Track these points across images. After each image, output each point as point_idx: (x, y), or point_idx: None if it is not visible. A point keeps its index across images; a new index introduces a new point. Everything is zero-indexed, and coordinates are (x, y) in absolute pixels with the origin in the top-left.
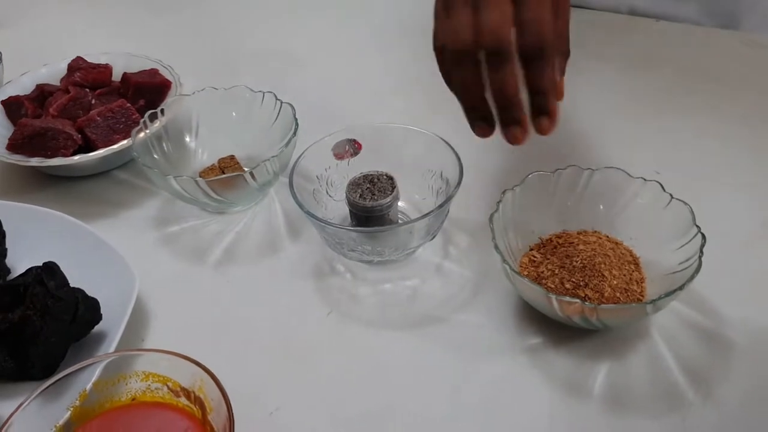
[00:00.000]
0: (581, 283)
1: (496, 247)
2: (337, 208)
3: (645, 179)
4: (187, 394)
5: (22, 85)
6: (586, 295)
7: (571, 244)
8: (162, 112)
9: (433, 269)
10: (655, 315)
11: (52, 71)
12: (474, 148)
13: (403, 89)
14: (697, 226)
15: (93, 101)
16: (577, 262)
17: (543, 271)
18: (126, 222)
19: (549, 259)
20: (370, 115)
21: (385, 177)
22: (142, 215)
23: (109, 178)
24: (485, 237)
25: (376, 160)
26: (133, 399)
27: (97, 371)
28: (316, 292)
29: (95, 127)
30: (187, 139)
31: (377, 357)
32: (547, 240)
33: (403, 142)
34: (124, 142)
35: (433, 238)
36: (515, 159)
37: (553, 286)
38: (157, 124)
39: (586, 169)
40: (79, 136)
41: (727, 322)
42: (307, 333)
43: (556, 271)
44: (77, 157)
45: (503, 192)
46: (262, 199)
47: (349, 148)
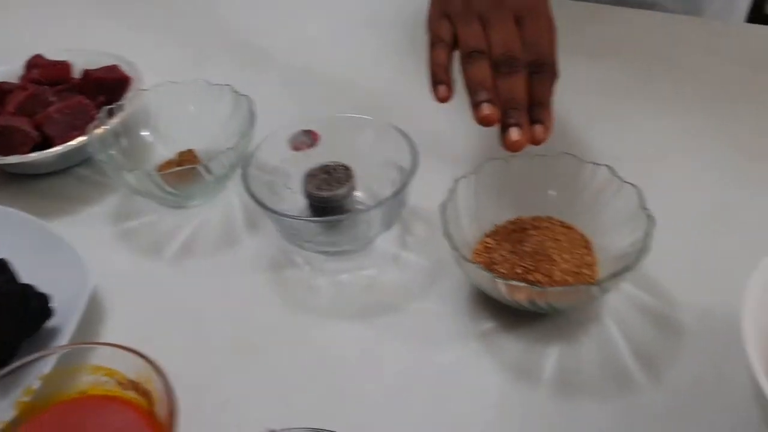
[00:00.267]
0: (531, 267)
1: (446, 235)
2: (295, 200)
3: (596, 164)
4: (134, 386)
5: None
6: (537, 279)
7: (524, 230)
8: (120, 107)
9: (391, 259)
10: (608, 299)
11: (10, 69)
12: (431, 138)
13: (362, 81)
14: (645, 209)
15: (51, 98)
16: (527, 248)
17: (495, 257)
18: (84, 218)
19: (502, 245)
20: (330, 106)
21: (341, 167)
22: (101, 211)
23: (70, 175)
24: None
25: (334, 151)
26: (81, 392)
27: (42, 366)
28: (273, 284)
29: (53, 123)
30: (146, 133)
31: (331, 347)
32: (501, 227)
33: (360, 133)
34: (81, 139)
35: (390, 227)
36: (473, 147)
37: (504, 271)
38: (114, 120)
39: (539, 155)
40: (37, 133)
41: (678, 304)
42: (261, 325)
43: (508, 256)
44: (34, 154)
45: (456, 180)
46: (221, 192)
47: (306, 139)
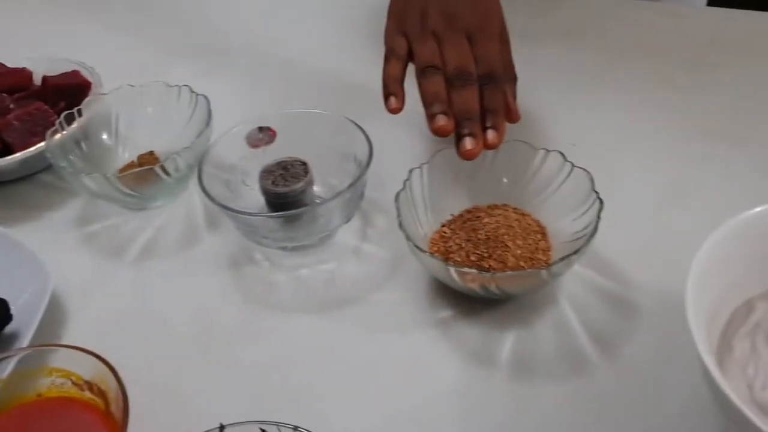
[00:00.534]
0: (485, 254)
1: (401, 225)
2: (254, 197)
3: (548, 150)
4: (90, 387)
5: None
6: (490, 265)
7: (479, 218)
8: (79, 112)
9: (351, 251)
10: (564, 282)
11: None
12: (387, 131)
13: (320, 78)
14: (595, 192)
15: (11, 105)
16: (481, 235)
17: (451, 246)
18: (47, 224)
19: (457, 233)
20: (289, 103)
21: (298, 163)
22: (64, 216)
23: (32, 181)
24: None
25: (292, 147)
26: (38, 395)
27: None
28: (233, 282)
29: (12, 130)
30: (106, 137)
31: (292, 342)
32: (458, 216)
33: (316, 127)
34: (41, 145)
35: (349, 220)
36: (428, 139)
37: (459, 259)
38: (74, 125)
39: None
40: None
41: (632, 285)
42: (222, 323)
43: (463, 244)
44: None
45: (410, 171)
46: (183, 192)
47: (264, 136)
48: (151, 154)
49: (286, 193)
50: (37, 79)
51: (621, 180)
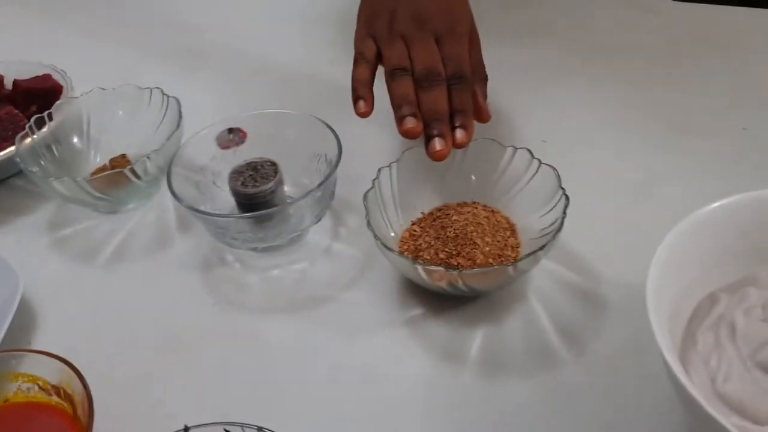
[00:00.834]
0: (454, 252)
1: (369, 224)
2: (225, 198)
3: (516, 147)
4: (57, 391)
5: None
6: (459, 263)
7: (448, 216)
8: (49, 116)
9: (323, 251)
10: (534, 278)
11: None
12: (359, 130)
13: (291, 78)
14: (562, 189)
15: None
16: (450, 233)
17: (421, 244)
18: (19, 228)
19: (427, 231)
20: (261, 103)
21: (268, 163)
22: (36, 220)
23: (3, 186)
24: None
25: (263, 148)
26: (5, 401)
27: None
28: (204, 283)
29: None
30: (78, 141)
31: (262, 342)
32: (428, 214)
33: (286, 127)
34: (11, 149)
35: (320, 220)
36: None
37: (429, 257)
38: (44, 129)
39: None
40: None
41: (601, 280)
42: (192, 325)
43: (432, 243)
44: None
45: (379, 170)
46: (155, 195)
47: (234, 137)
48: (123, 157)
49: (255, 194)
50: (8, 83)
51: (590, 175)
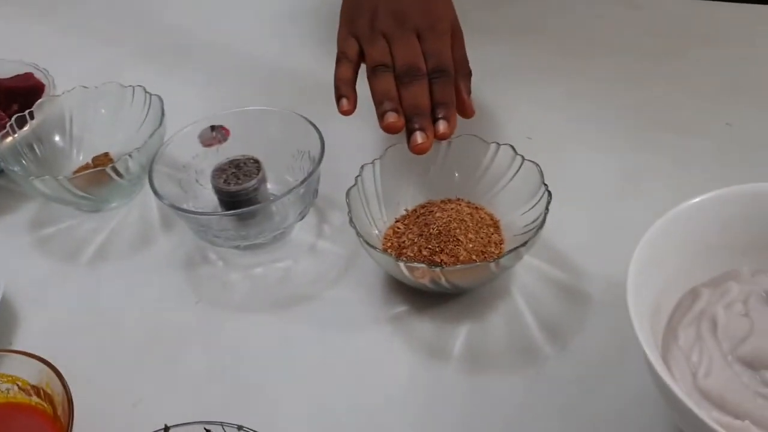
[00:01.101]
0: (437, 249)
1: (351, 222)
2: (208, 196)
3: (499, 143)
4: (37, 391)
5: None
6: (442, 260)
7: (431, 212)
8: (31, 115)
9: (307, 249)
10: (518, 275)
11: None
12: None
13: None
14: (545, 185)
15: None
16: (433, 230)
17: (404, 241)
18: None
19: (410, 229)
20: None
21: (251, 161)
22: (17, 220)
23: None
24: None
25: (246, 146)
26: None
27: None
28: (186, 282)
29: None
30: (60, 140)
31: (245, 341)
32: (412, 211)
33: (269, 125)
34: None
35: (303, 217)
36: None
37: (412, 254)
38: (26, 128)
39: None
40: None
41: (584, 275)
42: (175, 324)
43: (416, 240)
44: None
45: (361, 167)
46: (138, 193)
47: (217, 134)
48: (105, 155)
49: (238, 192)
50: None
51: (574, 171)
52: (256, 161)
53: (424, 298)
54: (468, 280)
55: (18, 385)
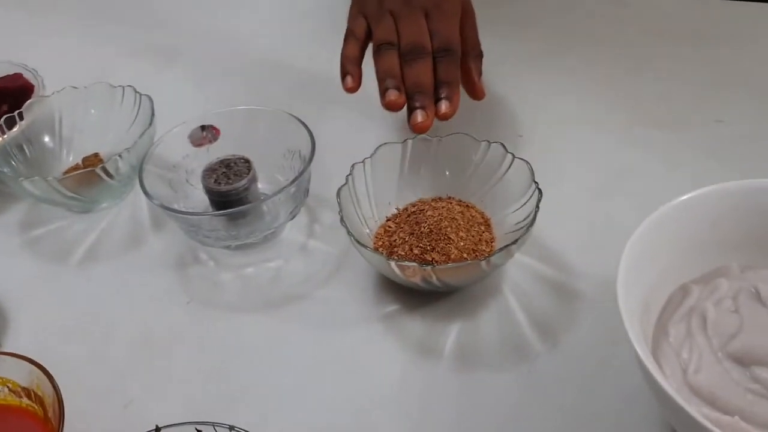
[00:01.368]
0: (428, 247)
1: (342, 221)
2: (199, 196)
3: (489, 142)
4: (27, 393)
5: None
6: (433, 258)
7: (422, 211)
8: (20, 116)
9: (298, 249)
10: (509, 272)
11: None
12: (333, 127)
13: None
14: (535, 183)
15: None
16: (424, 228)
17: (395, 240)
18: None
19: (401, 227)
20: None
21: (242, 161)
22: (6, 221)
23: None
24: None
25: (236, 145)
26: None
27: None
28: (177, 282)
29: None
30: (50, 140)
31: (235, 341)
32: (403, 210)
33: (259, 124)
34: None
35: (294, 217)
36: (371, 133)
37: (403, 253)
38: (15, 129)
39: (434, 137)
40: None
41: (575, 273)
42: (166, 324)
43: (407, 238)
44: None
45: (352, 165)
46: (129, 193)
47: (207, 134)
48: (96, 156)
49: (228, 191)
50: None
51: (565, 168)
52: (247, 161)
53: (415, 297)
54: (459, 279)
55: (8, 387)
